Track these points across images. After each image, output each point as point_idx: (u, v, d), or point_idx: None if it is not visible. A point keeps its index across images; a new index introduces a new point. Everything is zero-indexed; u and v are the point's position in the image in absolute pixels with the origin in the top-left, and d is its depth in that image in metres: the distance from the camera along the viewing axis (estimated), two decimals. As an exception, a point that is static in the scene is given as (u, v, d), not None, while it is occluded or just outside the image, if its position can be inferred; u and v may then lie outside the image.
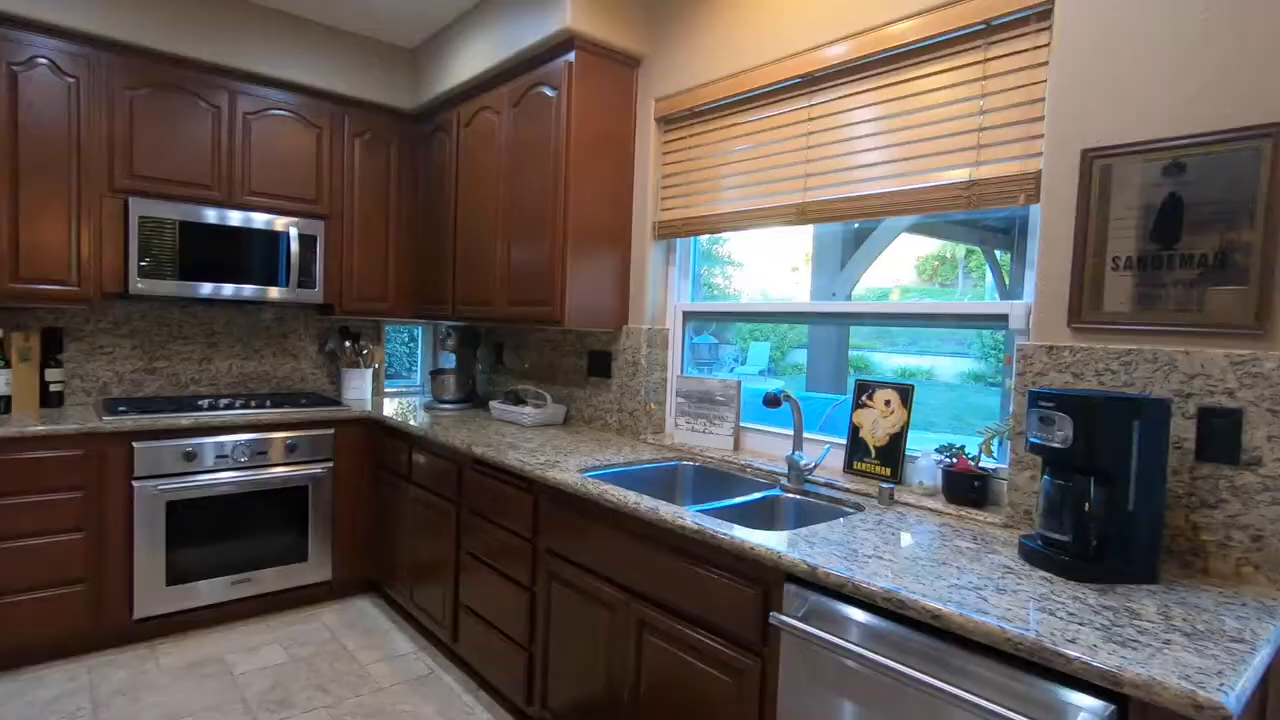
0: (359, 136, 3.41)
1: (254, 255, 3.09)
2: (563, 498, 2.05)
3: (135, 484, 2.66)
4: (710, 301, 2.86)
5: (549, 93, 2.64)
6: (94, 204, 2.77)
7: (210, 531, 2.84)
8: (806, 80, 2.16)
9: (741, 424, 2.46)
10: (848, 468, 2.08)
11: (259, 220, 3.10)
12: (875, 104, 1.99)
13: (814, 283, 3.83)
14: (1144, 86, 1.46)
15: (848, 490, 1.96)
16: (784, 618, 1.35)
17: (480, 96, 3.05)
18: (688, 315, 2.74)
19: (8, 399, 2.71)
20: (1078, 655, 0.99)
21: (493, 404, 3.15)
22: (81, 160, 2.73)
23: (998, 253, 3.46)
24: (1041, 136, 1.63)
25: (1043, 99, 1.63)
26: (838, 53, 2.05)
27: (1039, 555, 1.36)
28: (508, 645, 2.28)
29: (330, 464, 3.13)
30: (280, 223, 3.15)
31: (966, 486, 1.74)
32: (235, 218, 3.05)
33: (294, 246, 3.16)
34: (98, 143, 2.77)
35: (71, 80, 2.70)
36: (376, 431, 3.22)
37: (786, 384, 2.53)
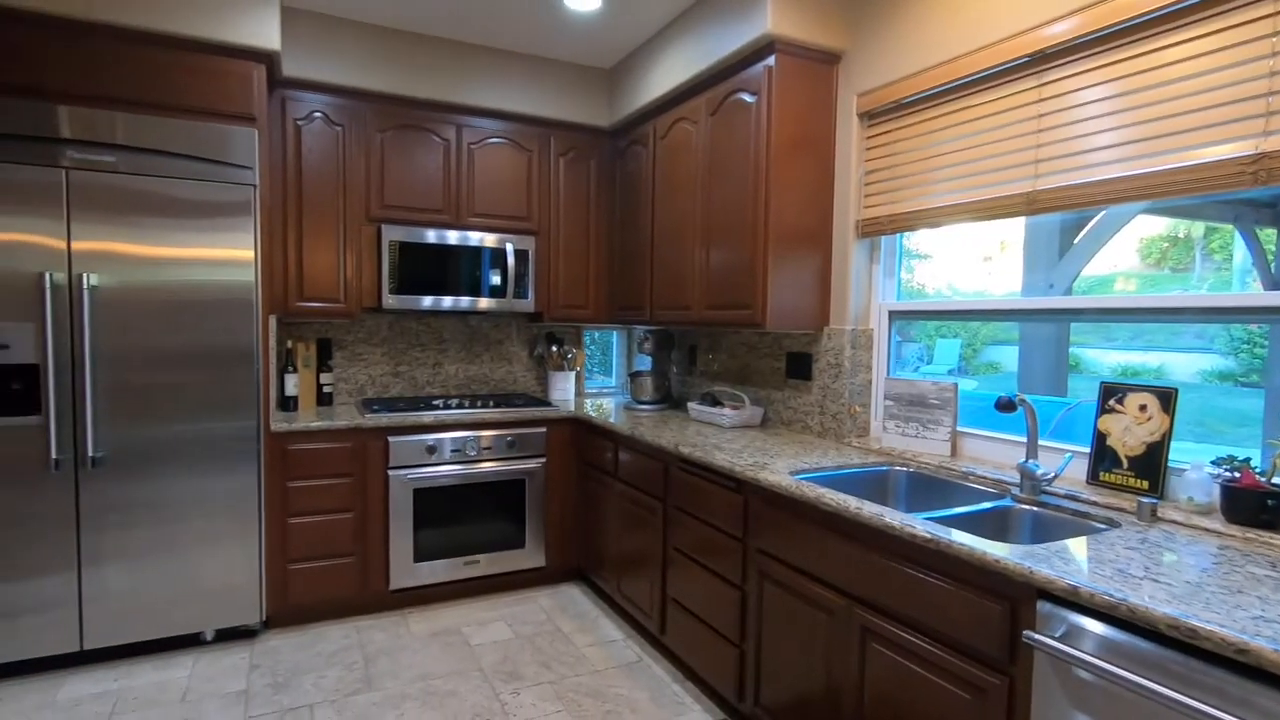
0: (563, 156, 3.68)
1: (478, 270, 3.45)
2: (775, 499, 2.07)
3: (390, 473, 3.08)
4: (919, 300, 2.74)
5: (747, 98, 2.68)
6: (355, 232, 3.25)
7: (446, 517, 3.21)
8: (1035, 59, 2.00)
9: (958, 428, 2.33)
10: (1092, 479, 1.89)
11: (481, 239, 3.46)
12: (1117, 79, 1.80)
13: (1026, 275, 3.51)
14: None
15: (1094, 504, 1.79)
16: (1043, 638, 1.27)
17: (676, 108, 3.16)
18: (893, 315, 2.64)
19: (295, 399, 3.26)
20: None
21: (690, 405, 3.25)
22: (347, 195, 3.22)
23: (1258, 230, 2.97)
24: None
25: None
26: (1065, 29, 1.88)
27: (1370, 590, 1.16)
28: (717, 640, 2.34)
29: (543, 459, 3.41)
30: (498, 240, 3.48)
31: (1255, 506, 1.52)
32: (462, 237, 3.42)
33: (511, 261, 3.48)
34: (358, 179, 3.24)
35: (339, 128, 3.18)
36: (582, 430, 3.45)
37: (979, 383, 2.36)
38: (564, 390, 3.88)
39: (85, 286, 2.51)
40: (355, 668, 2.68)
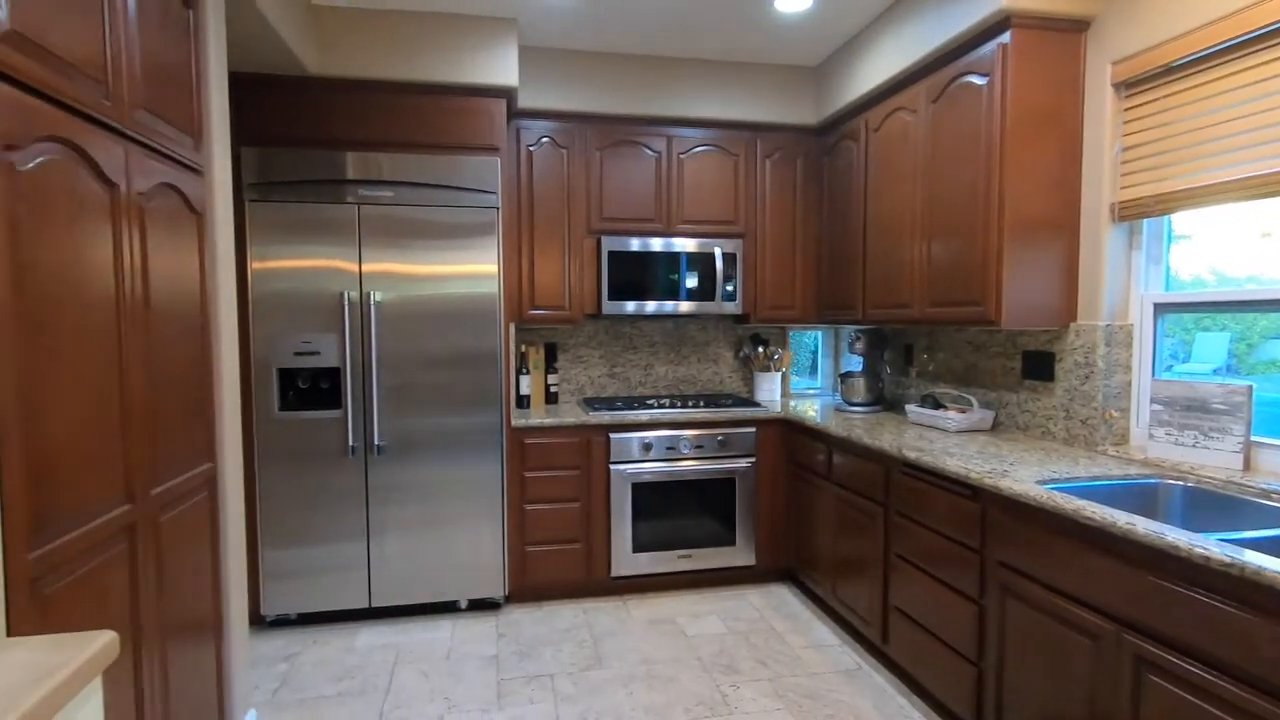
0: (768, 157, 3.70)
1: (688, 276, 3.58)
2: (1020, 510, 1.93)
3: (611, 467, 3.31)
4: (1195, 291, 2.38)
5: (976, 80, 2.51)
6: (578, 244, 3.52)
7: (661, 511, 3.37)
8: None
9: (1253, 438, 2.00)
10: None
11: (690, 245, 3.58)
12: None
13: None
14: None
15: None
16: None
17: (891, 99, 3.04)
18: (1159, 308, 2.33)
19: (528, 397, 3.61)
20: None
21: (909, 408, 3.11)
22: (570, 211, 3.50)
23: None
24: None
25: None
26: None
27: None
28: (949, 656, 2.23)
29: (752, 459, 3.45)
30: (706, 244, 3.59)
31: None
32: (673, 245, 3.56)
33: (719, 264, 3.56)
34: (580, 195, 3.51)
35: (564, 150, 3.48)
36: (792, 431, 3.44)
37: (1257, 384, 1.96)
38: (770, 391, 3.90)
39: (372, 302, 3.00)
40: (586, 645, 2.91)
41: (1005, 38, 2.39)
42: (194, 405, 1.90)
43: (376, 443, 3.05)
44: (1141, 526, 1.54)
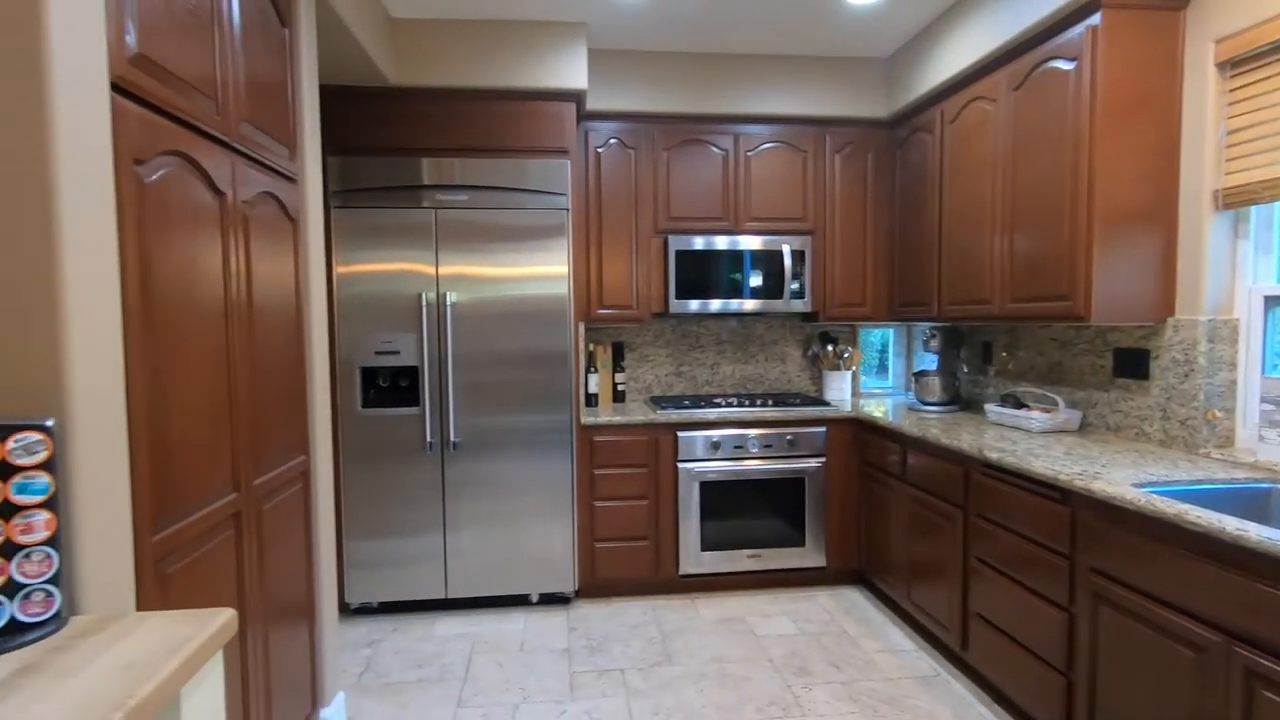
0: (838, 152, 3.63)
1: (755, 274, 3.55)
2: (1114, 514, 1.84)
3: (679, 465, 3.32)
4: (1304, 281, 2.22)
5: (1063, 66, 2.40)
6: (645, 244, 3.55)
7: (728, 510, 3.36)
8: None
9: (1380, 441, 1.85)
10: None
11: (757, 242, 3.55)
12: None
13: None
14: None
15: None
16: None
17: (968, 88, 2.95)
18: (1270, 301, 2.18)
19: (596, 396, 3.66)
20: None
21: (988, 407, 3.00)
22: (638, 211, 3.53)
23: None
24: None
25: None
26: None
27: None
28: (1036, 665, 2.14)
29: (822, 459, 3.40)
30: (774, 242, 3.55)
31: None
32: (740, 242, 3.55)
33: (787, 262, 3.53)
34: (647, 195, 3.54)
35: (631, 150, 3.51)
36: (863, 431, 3.37)
37: None
38: (840, 390, 3.83)
39: (448, 303, 3.10)
40: (655, 642, 2.93)
41: (1095, 19, 2.28)
42: (290, 401, 2.02)
43: (452, 439, 3.15)
44: (1254, 533, 1.45)
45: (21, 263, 1.06)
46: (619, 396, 3.78)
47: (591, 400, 3.64)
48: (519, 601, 3.32)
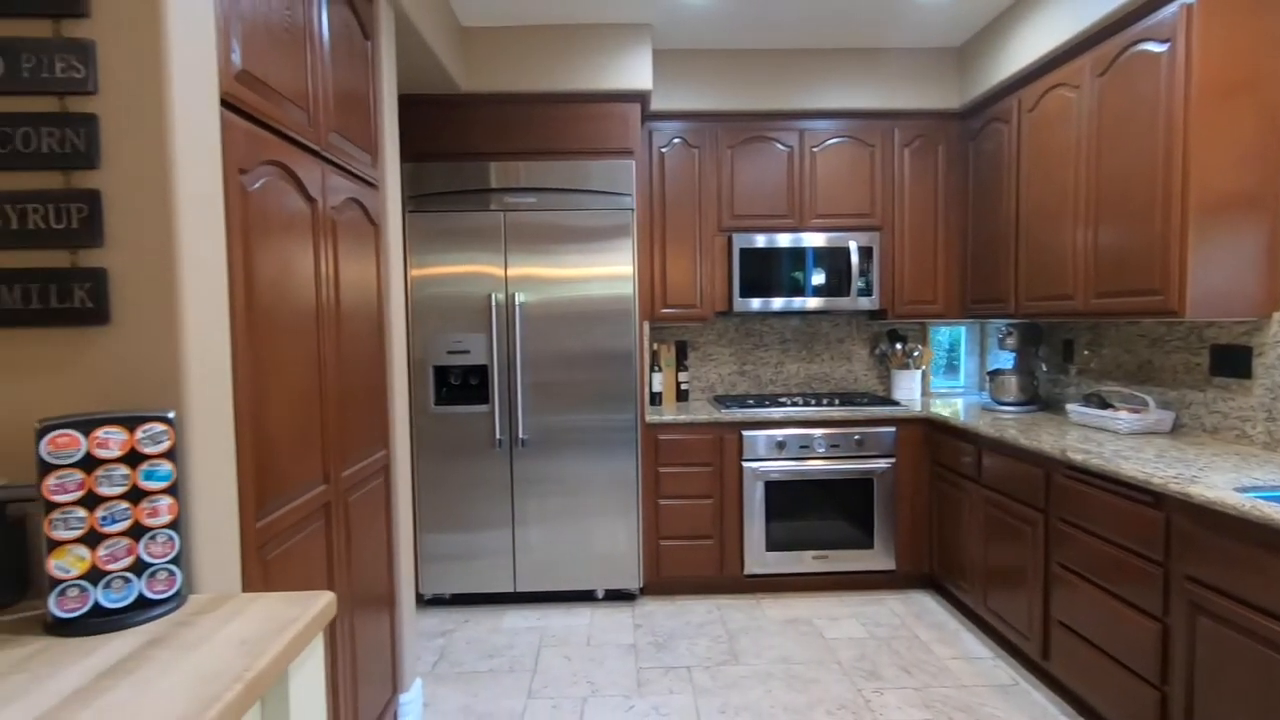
0: (907, 146, 3.55)
1: (820, 271, 3.50)
2: (1213, 520, 1.74)
3: (744, 464, 3.30)
4: None
5: (1154, 48, 2.29)
6: (709, 243, 3.55)
7: (794, 510, 3.33)
8: None
9: None
10: None
11: (822, 239, 3.50)
12: None
13: None
14: None
15: None
16: None
17: (1048, 75, 2.83)
18: (1391, 293, 2.02)
19: (660, 395, 3.68)
20: None
21: (1070, 407, 2.87)
22: (701, 210, 3.53)
23: None
24: None
25: None
26: None
27: None
28: (1125, 677, 2.04)
29: (892, 460, 3.32)
30: (841, 239, 3.50)
31: None
32: (805, 240, 3.50)
33: (854, 259, 3.47)
34: (710, 194, 3.54)
35: (695, 149, 3.52)
36: (934, 431, 3.28)
37: None
38: (909, 389, 3.74)
39: (516, 304, 3.18)
40: (721, 641, 2.93)
41: (1190, -2, 2.16)
42: (372, 398, 2.11)
43: (520, 436, 3.22)
44: (1377, 542, 1.35)
45: (147, 267, 1.14)
46: (682, 395, 3.79)
47: (655, 399, 3.66)
48: (585, 597, 3.37)
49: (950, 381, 4.12)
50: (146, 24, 1.12)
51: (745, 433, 3.30)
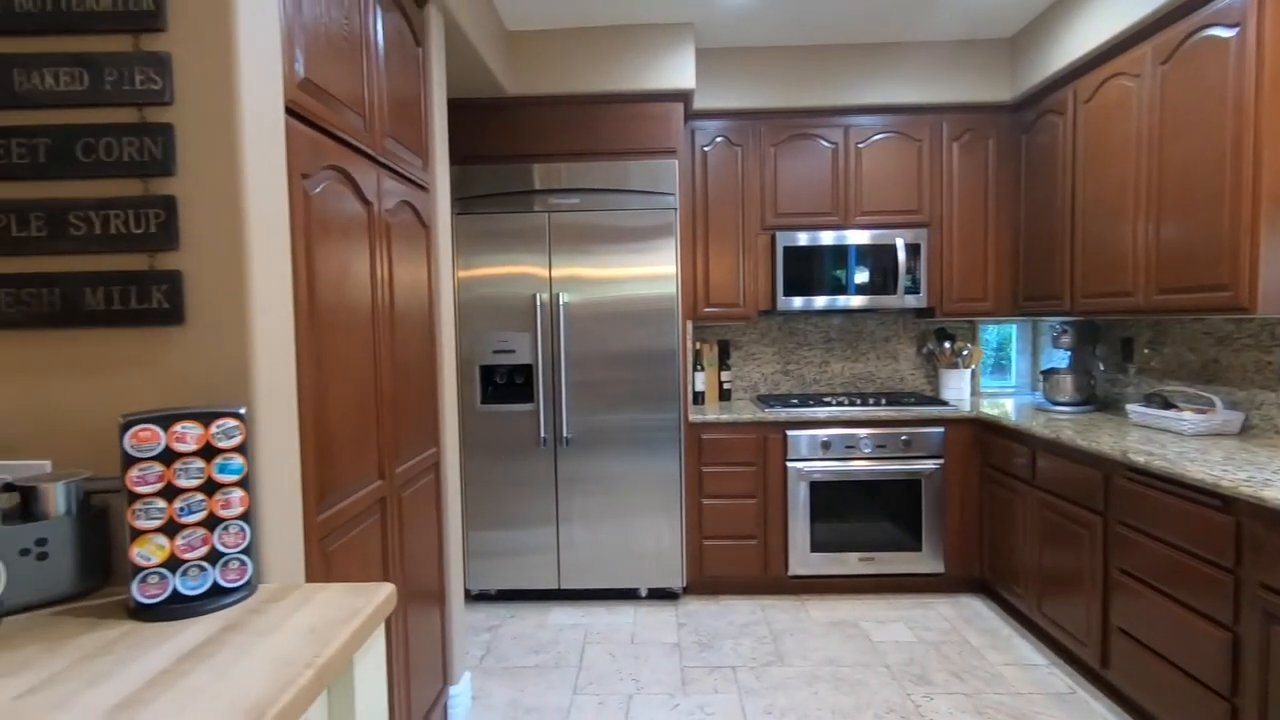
0: (956, 140, 3.47)
1: (866, 269, 3.45)
2: (1290, 525, 1.66)
3: (788, 464, 3.28)
4: None
5: (1221, 33, 2.19)
6: (751, 241, 3.53)
7: (839, 511, 3.29)
8: None
9: None
10: None
11: (868, 237, 3.45)
12: None
13: None
14: None
15: None
16: None
17: (1107, 64, 2.74)
18: None
19: (702, 394, 3.67)
20: None
21: (1130, 407, 2.78)
22: (744, 208, 3.52)
23: None
24: None
25: None
26: None
27: None
28: (1192, 688, 1.97)
29: (940, 461, 3.26)
30: (887, 236, 3.44)
31: None
32: (849, 237, 3.46)
33: (901, 256, 3.41)
34: (753, 192, 3.52)
35: (738, 148, 3.50)
36: (984, 432, 3.20)
37: None
38: (958, 389, 3.66)
39: (560, 304, 3.21)
40: (765, 641, 2.91)
41: (1261, -20, 2.07)
42: (423, 397, 2.15)
43: (565, 435, 3.25)
44: None
45: (219, 269, 1.19)
46: (725, 395, 3.78)
47: (698, 398, 3.66)
48: (628, 595, 3.39)
49: (1000, 381, 4.02)
50: (219, 36, 1.17)
51: (789, 432, 3.27)
